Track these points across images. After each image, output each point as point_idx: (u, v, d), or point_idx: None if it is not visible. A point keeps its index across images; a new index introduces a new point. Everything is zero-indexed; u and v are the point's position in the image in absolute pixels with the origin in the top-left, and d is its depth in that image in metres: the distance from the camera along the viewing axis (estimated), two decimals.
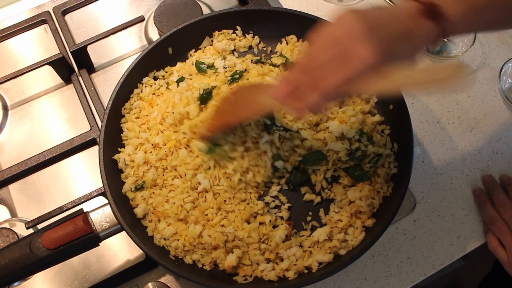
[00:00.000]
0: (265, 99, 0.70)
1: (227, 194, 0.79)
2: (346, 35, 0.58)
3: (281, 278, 0.76)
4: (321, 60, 0.60)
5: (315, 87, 0.60)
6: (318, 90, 0.60)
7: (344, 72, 0.58)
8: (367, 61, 0.56)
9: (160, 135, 0.84)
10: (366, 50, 0.56)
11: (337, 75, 0.58)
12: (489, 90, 1.03)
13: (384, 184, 0.81)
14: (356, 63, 0.57)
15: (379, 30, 0.57)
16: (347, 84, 0.58)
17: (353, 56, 0.57)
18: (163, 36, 0.92)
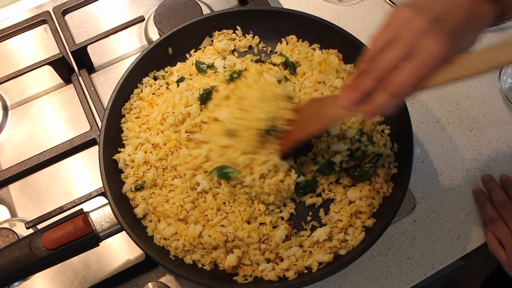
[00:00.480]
0: (333, 109, 0.69)
1: (227, 197, 0.79)
2: (408, 30, 0.56)
3: (281, 278, 0.76)
4: (387, 60, 0.58)
5: (385, 89, 0.58)
6: (389, 91, 0.58)
7: (414, 68, 0.56)
8: (436, 53, 0.55)
9: (160, 135, 0.84)
10: (432, 42, 0.55)
11: (406, 73, 0.56)
12: (489, 90, 1.03)
13: (384, 184, 0.81)
14: (425, 57, 0.55)
15: (441, 20, 0.56)
16: (418, 81, 0.57)
17: (421, 50, 0.55)
18: (163, 36, 0.92)
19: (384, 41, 0.59)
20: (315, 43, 0.94)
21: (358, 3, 1.14)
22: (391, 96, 0.58)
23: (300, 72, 0.91)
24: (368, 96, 0.61)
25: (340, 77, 0.90)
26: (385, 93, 0.59)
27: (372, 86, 0.60)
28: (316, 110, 0.75)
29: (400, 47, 0.57)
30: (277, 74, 0.89)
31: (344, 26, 0.93)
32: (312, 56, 0.93)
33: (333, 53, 0.93)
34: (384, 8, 1.13)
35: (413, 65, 0.56)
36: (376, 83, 0.60)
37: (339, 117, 0.70)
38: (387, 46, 0.58)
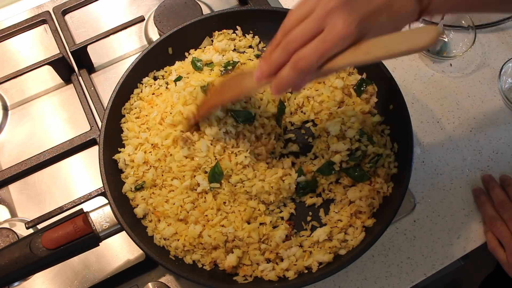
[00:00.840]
0: (247, 81, 0.70)
1: (227, 197, 0.79)
2: (320, 7, 0.56)
3: (281, 278, 0.76)
4: (297, 35, 0.58)
5: (291, 64, 0.58)
6: (294, 66, 0.58)
7: (321, 46, 0.56)
8: (341, 32, 0.54)
9: (159, 135, 0.84)
10: (340, 21, 0.54)
11: (312, 50, 0.56)
12: (489, 90, 1.03)
13: (384, 184, 0.81)
14: (330, 35, 0.55)
15: (355, 3, 0.55)
16: (323, 59, 0.57)
17: (330, 29, 0.55)
18: (163, 36, 0.92)
19: (298, 15, 0.59)
20: None
21: None
22: (294, 70, 0.58)
23: None
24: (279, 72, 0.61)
25: (340, 77, 0.90)
26: (288, 68, 0.59)
27: (280, 58, 0.60)
28: (234, 82, 0.76)
29: (310, 22, 0.57)
30: None
31: None
32: None
33: None
34: None
35: (317, 41, 0.56)
36: (284, 55, 0.59)
37: (252, 88, 0.70)
38: (301, 21, 0.58)
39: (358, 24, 0.54)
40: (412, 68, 1.05)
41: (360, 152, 0.82)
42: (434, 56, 1.04)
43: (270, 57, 0.62)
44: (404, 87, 1.02)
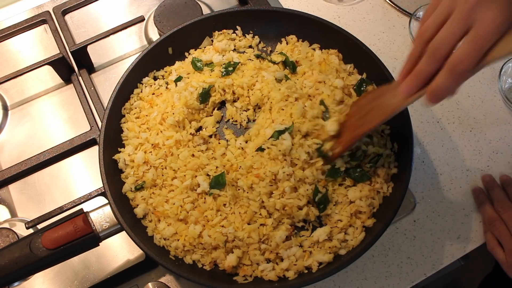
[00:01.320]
0: (392, 99, 0.66)
1: (228, 199, 0.78)
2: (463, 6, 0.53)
3: (281, 278, 0.76)
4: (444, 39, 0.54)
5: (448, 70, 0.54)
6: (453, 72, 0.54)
7: (476, 43, 0.52)
8: (495, 24, 0.51)
9: (159, 135, 0.84)
10: (490, 13, 0.51)
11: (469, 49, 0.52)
12: (489, 90, 1.03)
13: (384, 184, 0.81)
14: (484, 30, 0.51)
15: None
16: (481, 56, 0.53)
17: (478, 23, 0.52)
18: (163, 36, 0.92)
19: (435, 18, 0.55)
20: (315, 43, 0.94)
21: (358, 3, 1.14)
22: (452, 75, 0.54)
23: (300, 71, 0.91)
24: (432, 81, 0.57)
25: (340, 77, 0.90)
26: (445, 73, 0.55)
27: (431, 68, 0.57)
28: (374, 102, 0.71)
29: (456, 22, 0.53)
30: (277, 73, 0.89)
31: (344, 26, 0.93)
32: (312, 56, 0.93)
33: (333, 53, 0.93)
34: (384, 8, 1.13)
35: (471, 39, 0.52)
36: (434, 64, 0.56)
37: (400, 106, 0.65)
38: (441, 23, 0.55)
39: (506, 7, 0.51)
40: None
41: (360, 152, 0.82)
42: None
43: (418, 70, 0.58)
44: None
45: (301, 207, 0.78)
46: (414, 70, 0.59)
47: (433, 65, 0.56)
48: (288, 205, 0.77)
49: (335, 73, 0.90)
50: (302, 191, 0.78)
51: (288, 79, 0.89)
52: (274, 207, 0.77)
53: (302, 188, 0.78)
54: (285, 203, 0.77)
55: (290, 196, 0.78)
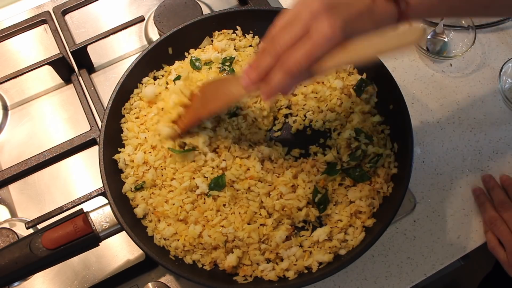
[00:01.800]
0: (234, 88, 0.70)
1: (227, 199, 0.78)
2: (305, 12, 0.58)
3: (281, 278, 0.76)
4: (284, 39, 0.60)
5: (280, 67, 0.60)
6: (283, 69, 0.60)
7: (307, 48, 0.58)
8: (328, 35, 0.56)
9: (157, 136, 0.84)
10: (326, 24, 0.56)
11: (300, 52, 0.58)
12: (489, 90, 1.03)
13: (384, 184, 0.81)
14: (319, 38, 0.57)
15: (338, 6, 0.58)
16: (311, 60, 0.58)
17: (315, 31, 0.57)
18: (163, 36, 0.92)
19: (284, 21, 0.61)
20: None
21: None
22: (285, 74, 0.60)
23: None
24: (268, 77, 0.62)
25: (339, 77, 0.90)
26: (280, 72, 0.60)
27: (270, 64, 0.61)
28: (218, 89, 0.75)
29: (297, 26, 0.59)
30: None
31: None
32: None
33: None
34: None
35: (306, 44, 0.58)
36: (273, 61, 0.61)
37: (239, 96, 0.71)
38: (287, 25, 0.60)
39: (342, 25, 0.57)
40: (412, 68, 1.05)
41: (360, 151, 0.82)
42: (434, 56, 1.04)
43: (257, 63, 0.63)
44: (404, 87, 1.02)
45: (301, 208, 0.78)
46: (254, 62, 0.64)
47: (271, 61, 0.61)
48: (288, 206, 0.77)
49: (334, 73, 0.90)
50: (301, 192, 0.78)
51: None
52: (273, 208, 0.78)
53: (300, 189, 0.78)
54: (284, 204, 0.77)
55: (289, 197, 0.78)
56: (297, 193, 0.78)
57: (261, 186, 0.78)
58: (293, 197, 0.78)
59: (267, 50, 0.62)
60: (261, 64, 0.63)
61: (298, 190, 0.79)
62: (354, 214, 0.80)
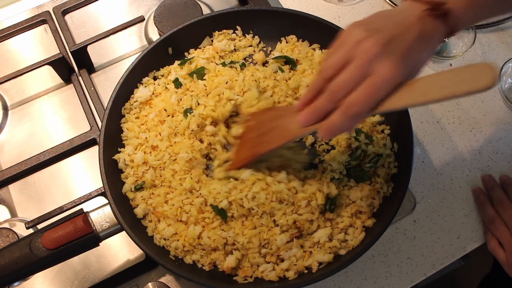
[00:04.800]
0: (291, 125, 0.69)
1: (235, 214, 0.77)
2: (361, 53, 0.58)
3: (281, 278, 0.76)
4: (341, 80, 0.59)
5: (341, 111, 0.60)
6: (343, 111, 0.60)
7: (371, 91, 0.57)
8: (388, 77, 0.56)
9: (158, 137, 0.84)
10: (385, 66, 0.56)
11: (360, 94, 0.58)
12: (489, 90, 1.02)
13: (384, 184, 0.81)
14: (378, 80, 0.57)
15: (392, 43, 0.57)
16: (374, 103, 0.58)
17: (374, 74, 0.57)
18: (163, 36, 0.92)
19: (338, 60, 0.60)
20: (315, 43, 0.94)
21: (358, 3, 1.14)
22: (346, 116, 0.60)
23: (300, 69, 0.91)
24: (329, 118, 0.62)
25: None
26: (340, 114, 0.60)
27: (328, 106, 0.62)
28: (273, 122, 0.75)
29: (354, 69, 0.58)
30: (272, 65, 0.90)
31: (344, 26, 0.91)
32: (312, 55, 0.93)
33: None
34: (384, 8, 1.13)
35: (366, 87, 0.58)
36: (331, 104, 0.61)
37: (297, 135, 0.70)
38: (341, 67, 0.60)
39: (402, 62, 0.56)
40: None
41: (360, 151, 0.82)
42: (434, 56, 1.04)
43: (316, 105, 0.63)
44: None
45: (313, 220, 0.77)
46: (313, 105, 0.64)
47: (331, 104, 0.61)
48: (300, 220, 0.76)
49: None
50: (313, 204, 0.77)
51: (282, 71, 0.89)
52: (286, 223, 0.76)
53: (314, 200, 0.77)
54: (297, 219, 0.76)
55: (302, 211, 0.76)
56: (311, 205, 0.77)
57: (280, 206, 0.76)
58: (307, 210, 0.77)
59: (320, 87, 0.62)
60: (320, 107, 0.63)
61: (312, 202, 0.77)
62: (354, 214, 0.80)
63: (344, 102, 0.59)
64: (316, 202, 0.76)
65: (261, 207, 0.75)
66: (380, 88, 0.57)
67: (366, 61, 0.57)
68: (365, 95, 0.58)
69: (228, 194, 0.76)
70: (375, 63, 0.57)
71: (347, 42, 0.60)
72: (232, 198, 0.76)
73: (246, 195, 0.76)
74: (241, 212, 0.76)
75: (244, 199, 0.75)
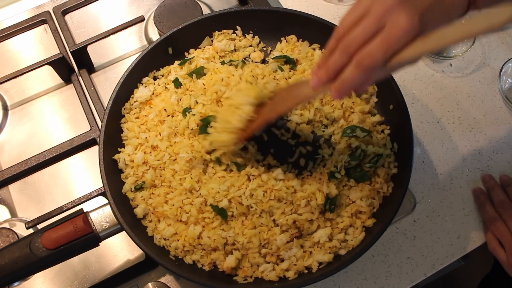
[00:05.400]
0: (303, 89, 0.67)
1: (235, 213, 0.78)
2: (378, 5, 0.56)
3: (281, 278, 0.76)
4: (355, 34, 0.57)
5: (357, 62, 0.57)
6: (358, 65, 0.57)
7: (385, 41, 0.55)
8: (405, 27, 0.54)
9: (158, 137, 0.84)
10: (402, 16, 0.54)
11: (376, 46, 0.55)
12: (489, 90, 1.03)
13: (384, 184, 0.81)
14: (394, 30, 0.55)
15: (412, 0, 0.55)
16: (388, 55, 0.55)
17: (390, 24, 0.55)
18: (163, 36, 0.92)
19: (353, 17, 0.58)
20: (315, 43, 0.94)
21: None
22: (359, 68, 0.57)
23: (300, 69, 0.91)
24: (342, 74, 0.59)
25: None
26: (352, 66, 0.57)
27: (340, 61, 0.59)
28: (287, 94, 0.73)
29: (369, 21, 0.56)
30: (272, 65, 0.90)
31: None
32: (312, 55, 0.93)
33: None
34: None
35: (381, 37, 0.55)
36: (344, 58, 0.58)
37: (309, 96, 0.68)
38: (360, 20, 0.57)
39: (419, 17, 0.54)
40: (412, 68, 1.05)
41: (360, 151, 0.82)
42: (434, 56, 1.04)
43: (326, 62, 0.61)
44: (404, 87, 1.02)
45: (313, 220, 0.77)
46: (325, 63, 0.61)
47: (343, 58, 0.58)
48: (300, 220, 0.76)
49: None
50: (313, 204, 0.77)
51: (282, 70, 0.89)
52: (286, 223, 0.76)
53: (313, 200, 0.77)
54: (297, 219, 0.76)
55: (302, 211, 0.76)
56: (311, 205, 0.77)
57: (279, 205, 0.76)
58: (307, 210, 0.77)
59: (337, 48, 0.59)
60: (331, 62, 0.60)
61: (311, 202, 0.77)
62: (354, 214, 0.80)
63: (356, 55, 0.57)
64: (316, 202, 0.76)
65: (260, 205, 0.75)
66: (393, 40, 0.55)
67: (383, 12, 0.55)
68: (379, 46, 0.55)
69: (227, 192, 0.76)
70: (392, 13, 0.55)
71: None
72: (231, 196, 0.76)
73: (244, 193, 0.76)
74: (240, 210, 0.76)
75: (242, 196, 0.76)
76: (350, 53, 0.58)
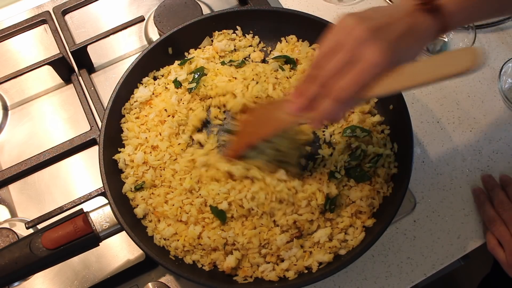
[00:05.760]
0: (282, 114, 0.70)
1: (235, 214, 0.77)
2: (350, 38, 0.58)
3: (281, 278, 0.76)
4: (330, 67, 0.60)
5: (328, 95, 0.60)
6: (332, 97, 0.60)
7: (355, 76, 0.58)
8: (375, 61, 0.57)
9: (158, 137, 0.84)
10: (372, 51, 0.57)
11: (347, 79, 0.58)
12: (489, 90, 1.03)
13: (384, 184, 0.81)
14: (365, 64, 0.57)
15: (381, 30, 0.58)
16: (359, 87, 0.58)
17: (361, 58, 0.57)
18: (163, 36, 0.92)
19: (328, 47, 0.61)
20: (315, 43, 0.94)
21: (358, 3, 1.14)
22: (334, 101, 0.60)
23: (300, 69, 0.91)
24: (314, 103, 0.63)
25: None
26: (330, 100, 0.61)
27: (315, 92, 0.62)
28: (267, 114, 0.76)
29: (342, 54, 0.59)
30: (272, 64, 0.90)
31: None
32: (312, 56, 0.93)
33: None
34: None
35: (353, 72, 0.58)
36: (319, 89, 0.62)
37: (287, 123, 0.71)
38: (332, 53, 0.60)
39: (389, 49, 0.57)
40: None
41: (360, 151, 0.82)
42: None
43: (303, 90, 0.64)
44: None
45: (313, 220, 0.77)
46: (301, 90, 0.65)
47: (314, 88, 0.62)
48: (300, 221, 0.76)
49: None
50: (313, 204, 0.77)
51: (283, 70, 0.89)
52: (286, 223, 0.76)
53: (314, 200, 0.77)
54: (297, 219, 0.76)
55: (302, 211, 0.76)
56: (311, 205, 0.77)
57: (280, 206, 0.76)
58: (307, 210, 0.77)
59: (312, 77, 0.62)
60: (306, 91, 0.63)
61: (312, 202, 0.77)
62: (354, 214, 0.80)
63: (332, 88, 0.60)
64: (316, 202, 0.76)
65: (261, 207, 0.75)
66: (366, 73, 0.57)
67: (355, 46, 0.58)
68: (352, 80, 0.58)
69: (227, 195, 0.76)
70: (364, 48, 0.57)
71: (338, 29, 0.61)
72: (232, 199, 0.76)
73: (245, 196, 0.75)
74: (240, 212, 0.76)
75: (243, 199, 0.75)
76: (323, 83, 0.61)
